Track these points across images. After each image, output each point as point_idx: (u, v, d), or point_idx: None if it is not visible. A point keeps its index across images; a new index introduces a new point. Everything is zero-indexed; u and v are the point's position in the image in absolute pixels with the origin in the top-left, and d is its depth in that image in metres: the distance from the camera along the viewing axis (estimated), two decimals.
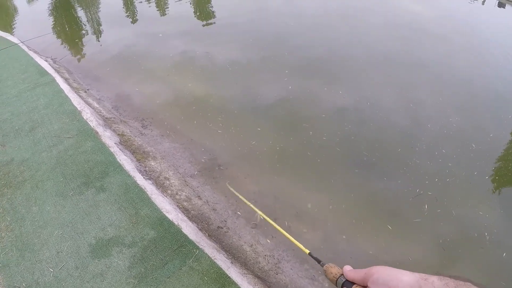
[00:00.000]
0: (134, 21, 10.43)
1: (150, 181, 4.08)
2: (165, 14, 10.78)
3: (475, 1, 17.29)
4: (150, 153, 4.80)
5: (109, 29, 9.68)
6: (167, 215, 3.48)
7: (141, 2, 11.77)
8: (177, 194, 4.09)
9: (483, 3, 17.43)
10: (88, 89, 6.59)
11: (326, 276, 1.12)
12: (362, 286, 0.92)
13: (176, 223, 3.41)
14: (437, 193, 4.86)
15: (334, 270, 1.09)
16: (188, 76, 7.04)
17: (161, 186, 4.12)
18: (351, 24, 10.38)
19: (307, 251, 1.43)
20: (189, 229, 3.38)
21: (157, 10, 11.08)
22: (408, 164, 5.22)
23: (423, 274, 0.80)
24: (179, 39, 8.72)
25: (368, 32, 9.87)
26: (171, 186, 4.22)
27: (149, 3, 11.67)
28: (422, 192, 4.82)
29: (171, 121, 5.83)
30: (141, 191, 3.75)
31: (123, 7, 11.49)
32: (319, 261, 1.28)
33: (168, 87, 6.76)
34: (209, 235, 3.58)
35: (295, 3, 11.76)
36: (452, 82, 7.66)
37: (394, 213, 4.58)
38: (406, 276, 0.80)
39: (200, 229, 3.55)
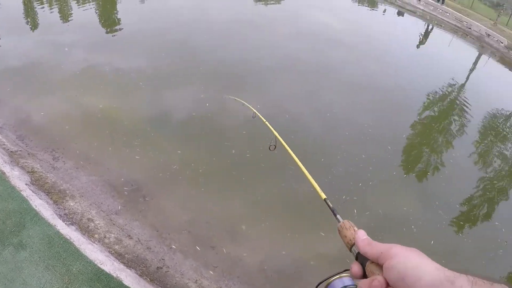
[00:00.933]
0: (35, 29, 9.39)
1: (73, 227, 3.72)
2: (69, 21, 9.87)
3: (375, 10, 18.65)
4: (67, 191, 4.36)
5: (7, 40, 8.56)
6: (102, 267, 3.19)
7: (43, 8, 10.67)
8: (105, 237, 3.79)
9: (384, 12, 18.94)
10: None
11: (339, 235, 0.95)
12: (377, 264, 0.76)
13: (114, 275, 3.14)
14: (363, 196, 5.20)
15: (349, 233, 0.92)
16: (98, 96, 6.49)
17: (87, 231, 3.77)
18: (264, 34, 10.62)
19: (323, 196, 1.29)
20: (130, 280, 3.14)
21: (60, 18, 10.10)
22: (333, 172, 5.47)
23: (450, 273, 0.65)
24: (86, 52, 8.01)
25: (281, 42, 10.18)
26: (97, 228, 3.89)
27: (51, 8, 10.62)
28: (348, 198, 5.07)
29: (84, 149, 5.29)
30: (66, 243, 3.38)
31: (23, 13, 10.26)
32: (334, 214, 1.09)
33: (77, 109, 6.14)
34: (151, 280, 3.37)
35: (206, 12, 11.60)
36: (362, 88, 8.27)
37: (326, 222, 4.75)
38: (428, 275, 0.65)
39: (140, 275, 3.33)
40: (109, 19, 10.50)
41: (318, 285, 0.98)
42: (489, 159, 7.78)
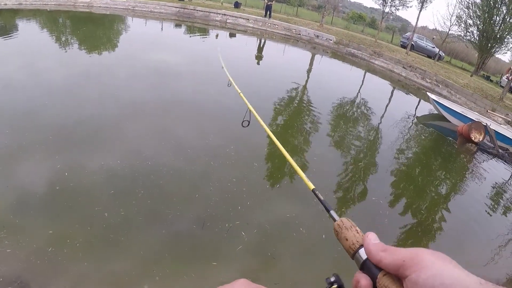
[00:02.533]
0: None
1: None
2: None
3: (208, 36, 19.68)
4: None
5: None
6: None
7: None
8: None
9: (216, 36, 20.18)
10: None
11: (337, 238, 0.82)
12: (394, 275, 0.63)
13: None
14: (246, 219, 5.42)
15: (350, 234, 0.79)
16: None
17: None
18: (103, 83, 10.39)
19: (312, 187, 1.19)
20: None
21: None
22: (210, 204, 5.62)
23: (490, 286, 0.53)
24: None
25: (122, 88, 10.09)
26: None
27: None
28: (231, 224, 5.25)
29: None
30: None
31: None
32: (327, 210, 0.96)
33: None
34: None
35: (38, 76, 10.90)
36: (212, 115, 8.71)
37: (217, 253, 4.89)
38: None
39: None
40: None
41: None
42: (347, 144, 8.83)
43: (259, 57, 17.07)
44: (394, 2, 27.48)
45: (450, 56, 39.48)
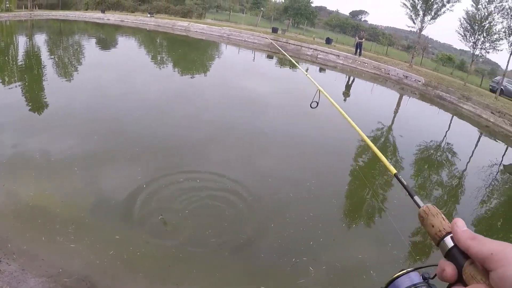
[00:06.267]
0: None
1: None
2: None
3: (297, 70, 19.83)
4: None
5: None
6: None
7: None
8: None
9: (306, 70, 20.28)
10: None
11: (422, 224, 0.75)
12: (480, 266, 0.58)
13: None
14: (315, 255, 5.12)
15: (437, 221, 0.72)
16: (27, 184, 5.88)
17: None
18: (195, 105, 10.86)
19: (394, 171, 1.13)
20: None
21: None
22: (283, 235, 5.44)
23: None
24: (13, 137, 7.41)
25: (212, 111, 10.43)
26: None
27: None
28: (298, 260, 4.97)
29: (16, 242, 4.78)
30: None
31: None
32: (411, 195, 0.89)
33: (6, 200, 5.44)
34: None
35: (133, 88, 11.73)
36: (296, 148, 8.65)
37: (272, 280, 4.64)
38: None
39: None
40: (36, 99, 10.21)
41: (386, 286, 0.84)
42: (429, 189, 8.13)
43: (346, 93, 16.74)
44: (485, 45, 25.44)
45: None
